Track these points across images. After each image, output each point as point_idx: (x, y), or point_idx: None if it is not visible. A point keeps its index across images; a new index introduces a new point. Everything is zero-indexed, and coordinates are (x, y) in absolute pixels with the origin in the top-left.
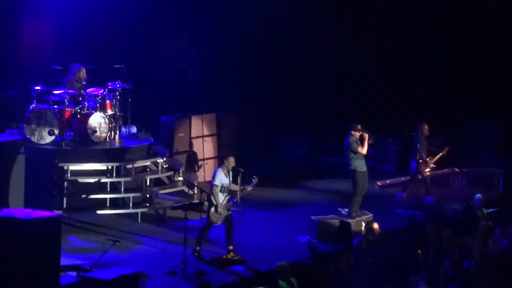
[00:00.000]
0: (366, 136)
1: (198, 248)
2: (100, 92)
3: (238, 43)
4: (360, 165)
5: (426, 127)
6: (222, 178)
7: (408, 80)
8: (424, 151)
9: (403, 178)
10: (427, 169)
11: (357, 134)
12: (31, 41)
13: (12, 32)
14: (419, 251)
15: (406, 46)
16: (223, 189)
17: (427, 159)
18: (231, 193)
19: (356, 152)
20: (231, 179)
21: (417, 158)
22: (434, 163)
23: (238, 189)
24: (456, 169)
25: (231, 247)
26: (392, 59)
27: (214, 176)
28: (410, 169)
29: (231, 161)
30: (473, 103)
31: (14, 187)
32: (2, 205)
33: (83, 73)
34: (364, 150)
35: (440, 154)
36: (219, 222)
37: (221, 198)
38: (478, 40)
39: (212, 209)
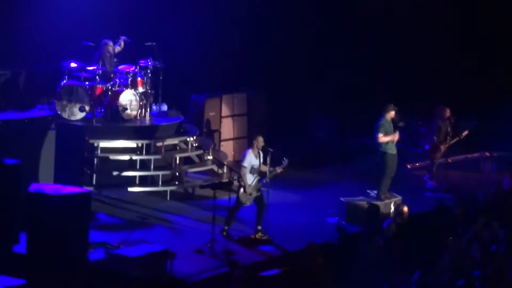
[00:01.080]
0: (396, 135)
1: (226, 227)
2: (131, 69)
3: (270, 22)
4: (390, 148)
5: (446, 110)
6: (252, 159)
7: (441, 63)
8: (441, 135)
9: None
10: (438, 154)
11: (391, 114)
12: (63, 16)
13: (45, 7)
14: (450, 237)
15: (441, 29)
16: (252, 170)
17: (441, 144)
18: (261, 174)
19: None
20: (261, 160)
21: (431, 141)
22: (447, 148)
23: (268, 170)
24: (487, 153)
25: (259, 227)
26: (424, 41)
27: (244, 157)
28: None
29: (260, 141)
30: (503, 86)
31: (44, 162)
32: (32, 180)
33: (111, 47)
34: (382, 139)
35: (456, 138)
36: (248, 203)
37: (250, 179)
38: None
39: (241, 190)
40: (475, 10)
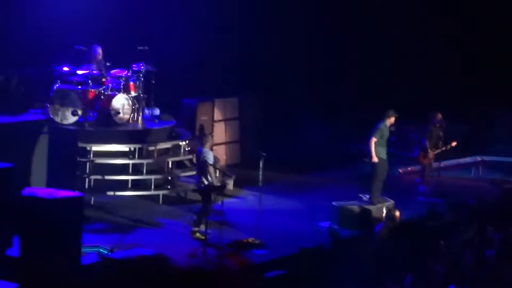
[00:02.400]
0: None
1: (196, 229)
2: (124, 73)
3: (263, 26)
4: (381, 152)
5: (439, 116)
6: (211, 156)
7: (428, 68)
8: (433, 140)
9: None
10: (426, 160)
11: (391, 120)
12: (56, 20)
13: (38, 11)
14: (442, 241)
15: (425, 36)
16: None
17: (430, 149)
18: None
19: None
20: None
21: (420, 147)
22: (435, 155)
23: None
24: (478, 158)
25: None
26: (417, 47)
27: (208, 156)
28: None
29: (210, 140)
30: (494, 90)
31: (36, 166)
32: (25, 185)
33: (99, 52)
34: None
35: (445, 148)
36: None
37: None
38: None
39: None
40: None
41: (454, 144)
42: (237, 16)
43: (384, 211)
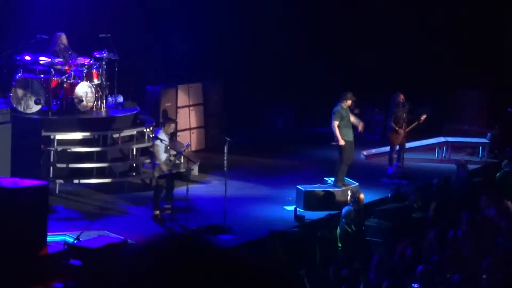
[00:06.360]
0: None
1: (157, 212)
2: (86, 61)
3: (223, 12)
4: (346, 134)
5: (401, 96)
6: (164, 138)
7: (392, 50)
8: (399, 120)
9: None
10: (398, 139)
11: (347, 103)
12: (17, 9)
13: None
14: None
15: (388, 16)
16: (165, 149)
17: (399, 128)
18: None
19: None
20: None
21: (392, 127)
22: (407, 132)
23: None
24: (442, 138)
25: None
26: (375, 29)
27: (156, 136)
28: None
29: (171, 126)
30: (457, 72)
31: (0, 156)
32: None
33: (64, 39)
34: (335, 124)
35: (416, 123)
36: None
37: (164, 156)
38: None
39: (156, 168)
40: None
41: (424, 117)
42: (199, 2)
43: (349, 193)
